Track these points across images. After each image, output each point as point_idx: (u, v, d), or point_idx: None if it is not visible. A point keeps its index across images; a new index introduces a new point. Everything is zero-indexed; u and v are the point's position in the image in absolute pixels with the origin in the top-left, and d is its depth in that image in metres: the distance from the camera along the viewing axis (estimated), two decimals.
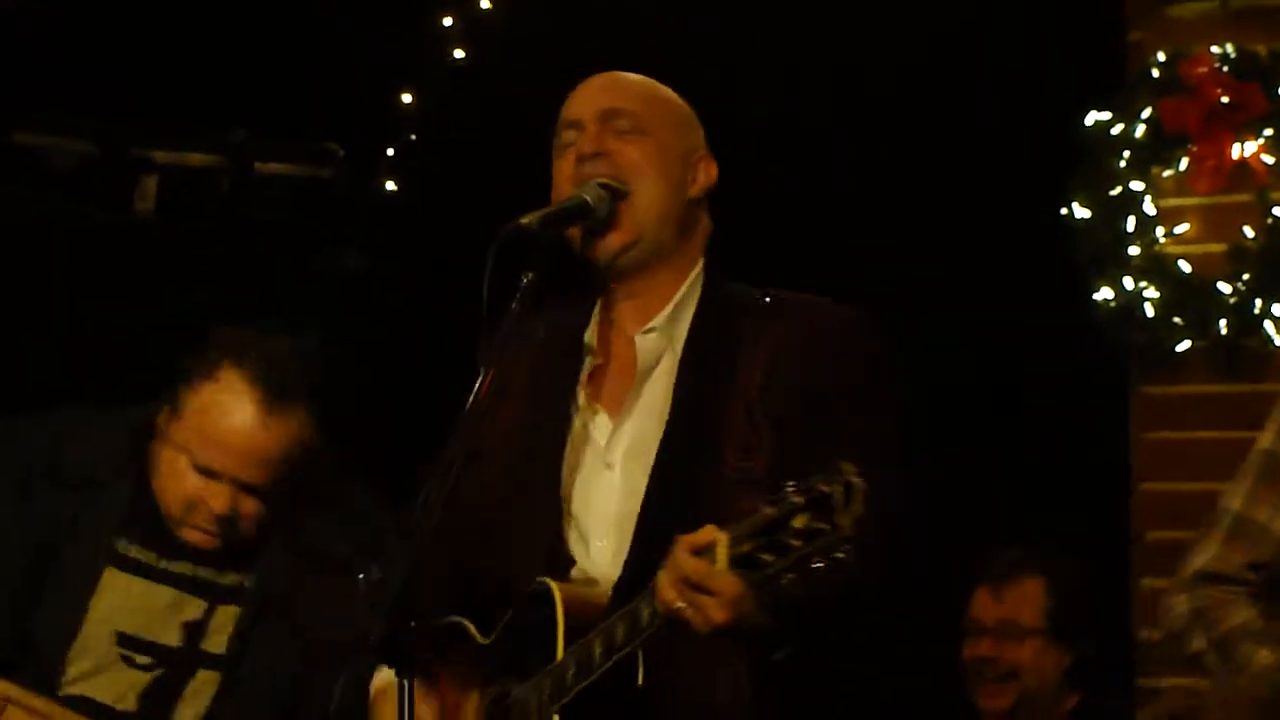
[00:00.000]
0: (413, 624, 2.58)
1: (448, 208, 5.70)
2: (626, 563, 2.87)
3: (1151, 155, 5.10)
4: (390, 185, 6.14)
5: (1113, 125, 5.11)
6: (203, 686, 3.29)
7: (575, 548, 2.93)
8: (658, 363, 2.96)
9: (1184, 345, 5.02)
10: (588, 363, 3.00)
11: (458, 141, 5.93)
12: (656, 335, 2.97)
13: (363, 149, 6.07)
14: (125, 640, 3.27)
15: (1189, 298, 5.01)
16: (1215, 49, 5.04)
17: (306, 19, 5.89)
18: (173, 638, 3.29)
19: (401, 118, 6.09)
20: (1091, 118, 5.13)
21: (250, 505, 3.29)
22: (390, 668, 2.67)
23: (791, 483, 2.49)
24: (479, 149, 5.80)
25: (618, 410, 2.95)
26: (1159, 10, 5.16)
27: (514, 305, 2.79)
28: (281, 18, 5.87)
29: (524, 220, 2.83)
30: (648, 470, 2.89)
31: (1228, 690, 2.86)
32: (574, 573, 2.92)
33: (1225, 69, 5.02)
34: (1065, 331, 5.10)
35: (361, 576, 2.56)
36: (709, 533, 2.58)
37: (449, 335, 3.24)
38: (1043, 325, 5.18)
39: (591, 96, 3.03)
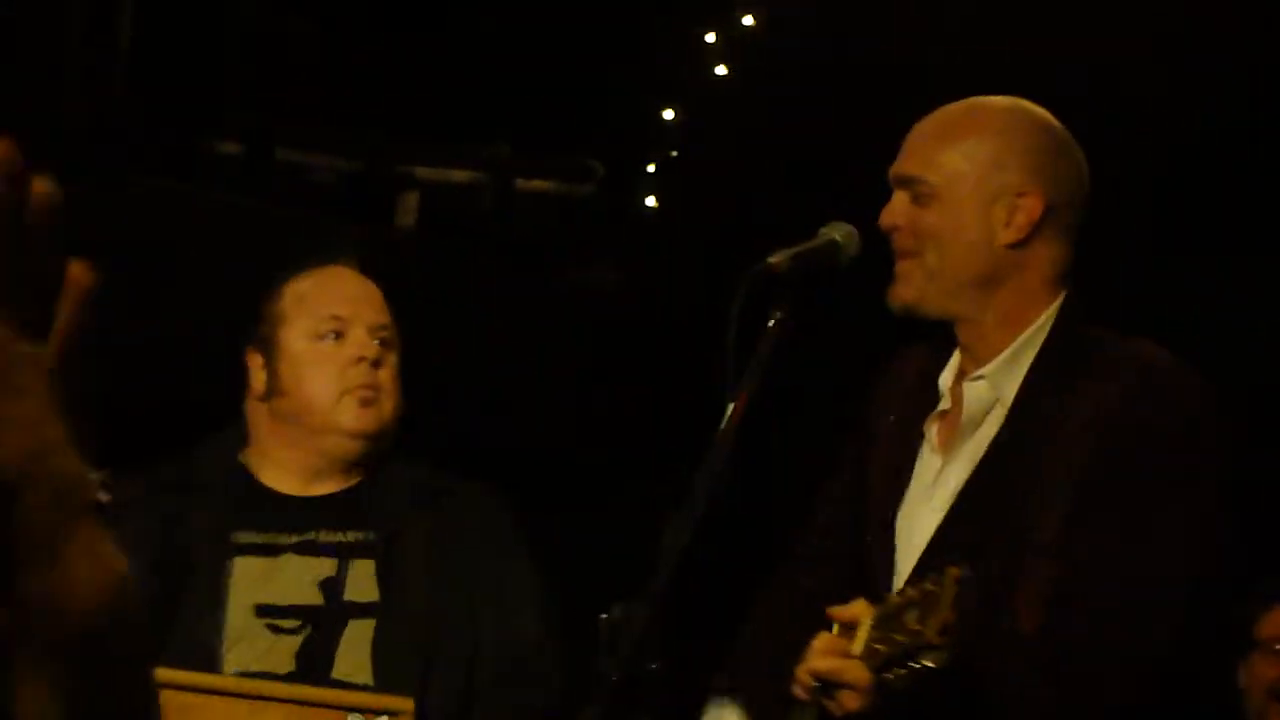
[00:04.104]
0: (654, 666, 2.53)
1: (707, 225, 5.67)
2: None
3: None
4: (650, 202, 6.12)
5: None
6: (357, 636, 3.28)
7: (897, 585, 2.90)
8: (987, 413, 2.89)
9: None
10: (939, 406, 2.97)
11: (719, 159, 5.90)
12: (984, 384, 2.88)
13: (623, 165, 6.07)
14: (265, 610, 3.28)
15: None
16: None
17: (569, 36, 5.90)
18: (313, 597, 3.30)
19: (663, 134, 6.07)
20: None
21: (387, 355, 3.36)
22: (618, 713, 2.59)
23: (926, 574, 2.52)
24: (740, 167, 5.76)
25: (949, 454, 2.91)
26: None
27: (762, 344, 2.74)
28: (544, 35, 5.88)
29: (772, 260, 2.77)
30: None
31: None
32: None
33: None
34: None
35: (604, 616, 2.51)
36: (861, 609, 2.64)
37: (694, 358, 3.19)
38: None
39: (906, 156, 2.95)
